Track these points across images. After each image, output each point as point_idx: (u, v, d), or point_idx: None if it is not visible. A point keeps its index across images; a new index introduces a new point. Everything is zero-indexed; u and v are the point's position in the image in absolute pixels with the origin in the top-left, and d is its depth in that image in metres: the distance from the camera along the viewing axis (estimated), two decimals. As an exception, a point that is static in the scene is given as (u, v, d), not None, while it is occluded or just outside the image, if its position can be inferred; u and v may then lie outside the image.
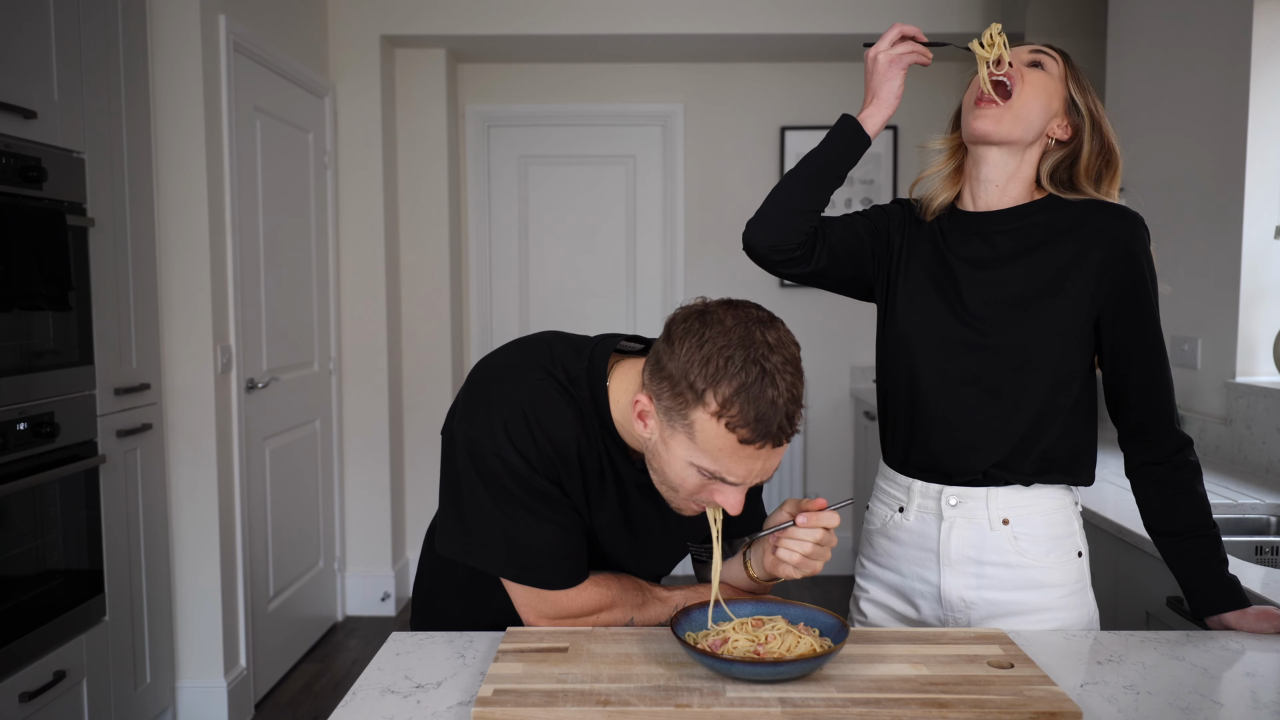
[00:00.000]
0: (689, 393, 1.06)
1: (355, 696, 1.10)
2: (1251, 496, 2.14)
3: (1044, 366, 1.32)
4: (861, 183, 4.29)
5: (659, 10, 3.76)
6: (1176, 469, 1.33)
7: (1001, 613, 1.36)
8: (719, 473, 1.09)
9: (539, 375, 1.21)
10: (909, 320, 1.39)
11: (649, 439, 1.15)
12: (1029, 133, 1.33)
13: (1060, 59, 1.35)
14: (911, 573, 1.41)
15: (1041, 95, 1.32)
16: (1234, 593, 1.31)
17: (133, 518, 2.57)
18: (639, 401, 1.13)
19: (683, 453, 1.10)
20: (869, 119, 1.40)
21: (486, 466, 1.18)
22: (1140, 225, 1.32)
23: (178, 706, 2.83)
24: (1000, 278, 1.34)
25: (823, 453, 4.39)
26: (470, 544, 1.22)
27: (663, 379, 1.10)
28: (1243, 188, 2.45)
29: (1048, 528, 1.36)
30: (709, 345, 1.06)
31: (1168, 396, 1.34)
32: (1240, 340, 2.50)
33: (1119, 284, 1.31)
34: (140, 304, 2.60)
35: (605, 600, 1.25)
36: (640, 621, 1.27)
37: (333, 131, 3.74)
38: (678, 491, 1.15)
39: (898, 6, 3.73)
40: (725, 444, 1.06)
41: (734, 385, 1.04)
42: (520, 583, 1.22)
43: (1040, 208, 1.36)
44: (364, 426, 3.87)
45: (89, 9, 2.34)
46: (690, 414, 1.07)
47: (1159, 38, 2.84)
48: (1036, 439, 1.34)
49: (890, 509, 1.44)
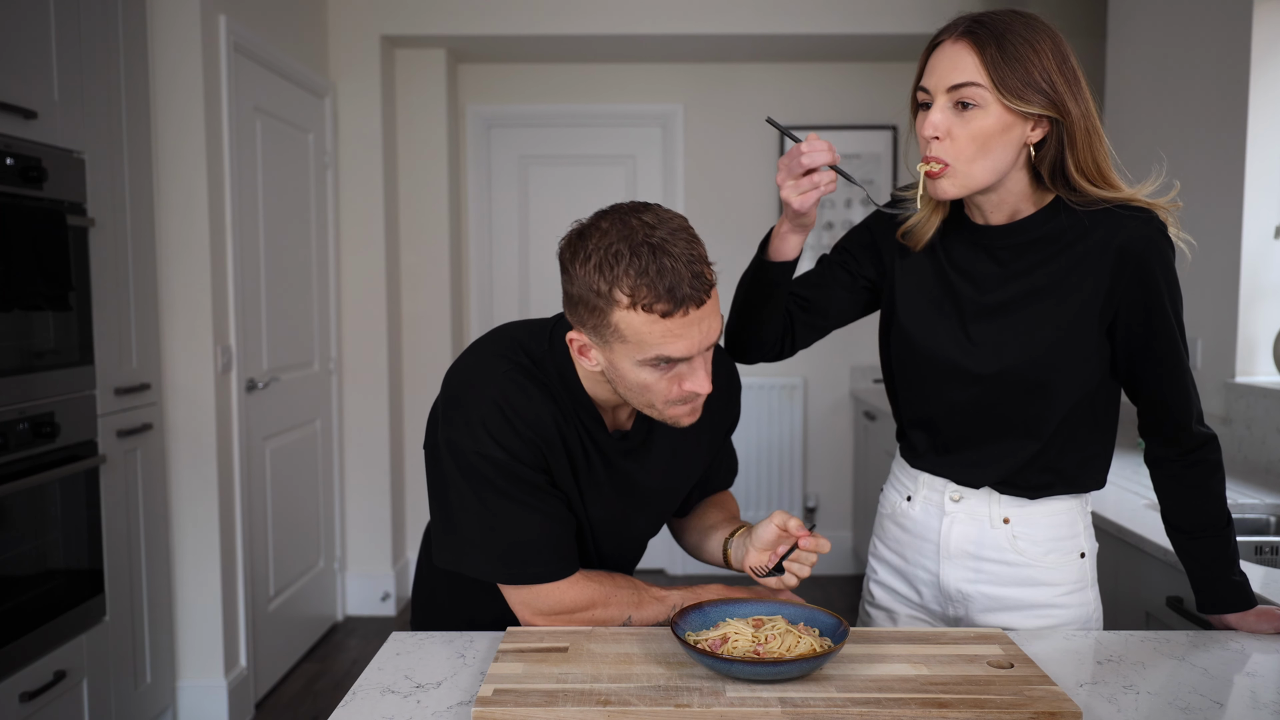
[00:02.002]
0: (600, 301, 1.11)
1: (355, 696, 1.10)
2: (1251, 496, 2.14)
3: (1057, 392, 1.25)
4: (862, 183, 4.28)
5: (659, 10, 3.76)
6: (1191, 466, 1.28)
7: (999, 606, 1.34)
8: (666, 354, 1.12)
9: (506, 367, 1.23)
10: (910, 348, 1.34)
11: (600, 369, 1.19)
12: (993, 172, 1.19)
13: (983, 65, 1.15)
14: (915, 560, 1.41)
15: (979, 137, 1.16)
16: (1241, 594, 1.30)
17: (133, 518, 2.57)
18: (573, 340, 1.18)
19: (628, 358, 1.14)
20: (786, 244, 1.32)
21: (470, 466, 1.20)
22: (1155, 229, 1.19)
23: (178, 706, 2.83)
24: (1004, 300, 1.26)
25: (823, 453, 4.39)
26: (463, 551, 1.23)
27: (576, 304, 1.15)
28: (1243, 188, 2.45)
29: (1049, 529, 1.33)
30: (595, 254, 1.11)
31: (1185, 404, 1.26)
32: (1240, 340, 2.50)
33: (1129, 295, 1.21)
34: (140, 304, 2.60)
35: (598, 595, 1.26)
36: (638, 621, 1.27)
37: (333, 132, 3.74)
38: (654, 401, 1.18)
39: (897, 7, 3.73)
40: (653, 327, 1.10)
41: (631, 273, 1.09)
42: (512, 583, 1.23)
43: (1048, 216, 1.24)
44: (364, 426, 3.87)
45: (89, 9, 2.34)
46: (611, 319, 1.12)
47: (1159, 38, 2.84)
48: (1046, 458, 1.30)
49: (900, 496, 1.44)
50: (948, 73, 1.16)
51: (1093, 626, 1.37)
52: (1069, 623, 1.35)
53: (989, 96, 1.15)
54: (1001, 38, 1.14)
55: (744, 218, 4.30)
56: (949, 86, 1.16)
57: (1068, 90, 1.15)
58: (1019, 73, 1.14)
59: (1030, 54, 1.14)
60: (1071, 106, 1.15)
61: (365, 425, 3.86)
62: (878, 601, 1.48)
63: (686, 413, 1.20)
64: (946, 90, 1.17)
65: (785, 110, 4.28)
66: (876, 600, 1.49)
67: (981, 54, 1.15)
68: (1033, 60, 1.14)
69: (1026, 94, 1.14)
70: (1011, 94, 1.14)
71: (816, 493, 4.40)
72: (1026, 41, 1.14)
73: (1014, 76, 1.14)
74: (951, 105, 1.17)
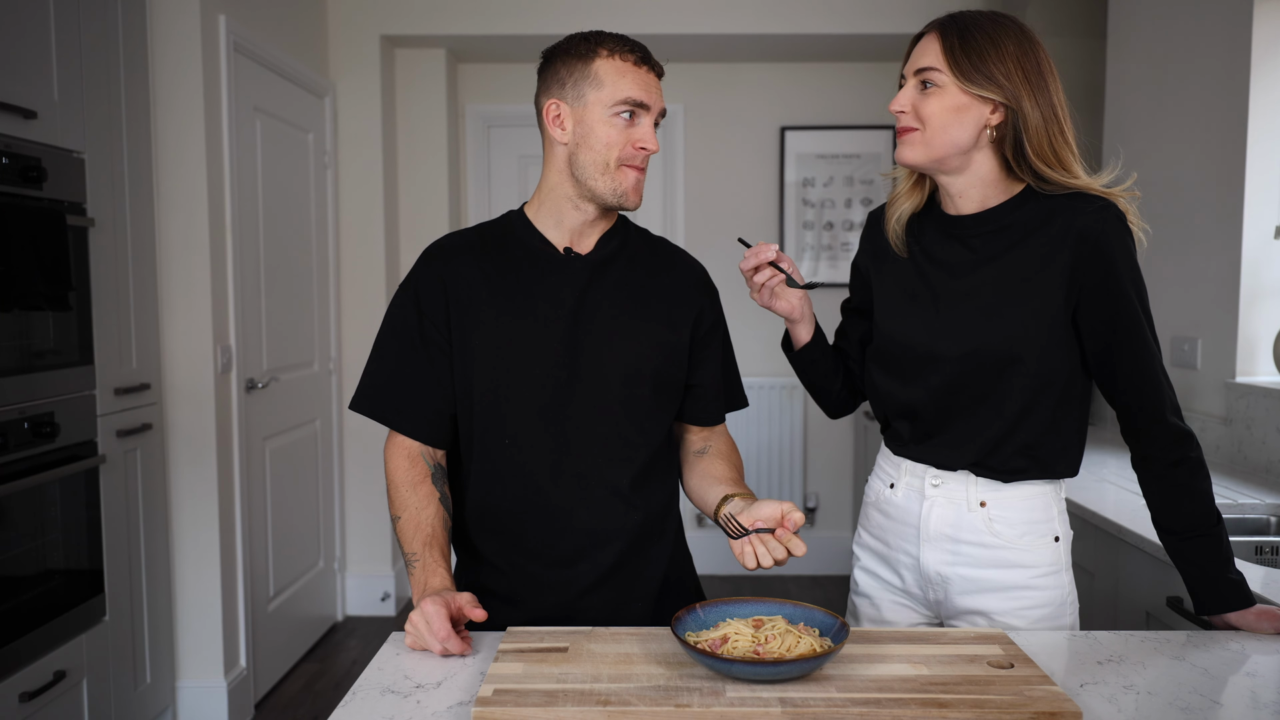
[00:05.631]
0: (583, 54, 1.33)
1: (355, 696, 1.10)
2: (1251, 496, 2.14)
3: (1024, 370, 1.32)
4: (862, 183, 4.29)
5: (659, 10, 3.76)
6: (1175, 465, 1.32)
7: (976, 588, 1.39)
8: (634, 97, 1.32)
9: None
10: (890, 341, 1.43)
11: (568, 141, 1.34)
12: (952, 145, 1.31)
13: (943, 52, 1.30)
14: (897, 545, 1.46)
15: (938, 113, 1.31)
16: (1239, 593, 1.31)
17: (133, 518, 2.57)
18: (549, 108, 1.35)
19: (597, 104, 1.33)
20: (794, 335, 1.54)
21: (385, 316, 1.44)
22: (1112, 215, 1.28)
23: (178, 706, 2.83)
24: (975, 284, 1.35)
25: (823, 452, 4.39)
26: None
27: (559, 70, 1.35)
28: (1243, 188, 2.45)
29: (1024, 513, 1.38)
30: (576, 35, 1.36)
31: (1158, 390, 1.31)
32: (1240, 340, 2.50)
33: (1089, 278, 1.29)
34: (140, 304, 2.60)
35: (402, 479, 1.37)
36: (405, 553, 1.34)
37: (333, 131, 3.74)
38: (610, 160, 1.33)
39: (896, 7, 3.73)
40: (624, 71, 1.33)
41: (608, 38, 1.35)
42: (357, 409, 1.41)
43: (1017, 205, 1.34)
44: (364, 426, 3.86)
45: (89, 9, 2.34)
46: (592, 66, 1.33)
47: (1159, 37, 2.84)
48: (1019, 439, 1.35)
49: (884, 484, 1.49)
50: (917, 59, 1.34)
51: (1067, 612, 1.39)
52: (1044, 605, 1.37)
53: (947, 79, 1.30)
54: (965, 31, 1.30)
55: (744, 217, 4.30)
56: (916, 70, 1.33)
57: (1024, 82, 1.29)
58: (974, 61, 1.29)
59: (989, 46, 1.29)
60: (1025, 96, 1.28)
61: (365, 425, 3.86)
62: (861, 589, 1.53)
63: (634, 184, 1.35)
64: (914, 73, 1.33)
65: (785, 110, 4.28)
66: (861, 588, 1.53)
67: (944, 43, 1.31)
68: (990, 52, 1.29)
69: (977, 80, 1.28)
70: (964, 78, 1.29)
71: (816, 492, 4.41)
72: (988, 36, 1.29)
73: (968, 63, 1.29)
74: (917, 86, 1.33)
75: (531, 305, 1.36)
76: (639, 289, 1.41)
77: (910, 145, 1.34)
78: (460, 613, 1.22)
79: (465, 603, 1.22)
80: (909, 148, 1.34)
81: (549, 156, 1.39)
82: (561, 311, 1.36)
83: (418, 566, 1.30)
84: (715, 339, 1.49)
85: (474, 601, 1.22)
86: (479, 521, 1.41)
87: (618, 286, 1.40)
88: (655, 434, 1.42)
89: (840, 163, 4.29)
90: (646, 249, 1.47)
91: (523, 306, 1.36)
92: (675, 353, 1.42)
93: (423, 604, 1.21)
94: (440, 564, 1.30)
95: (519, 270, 1.38)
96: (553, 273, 1.38)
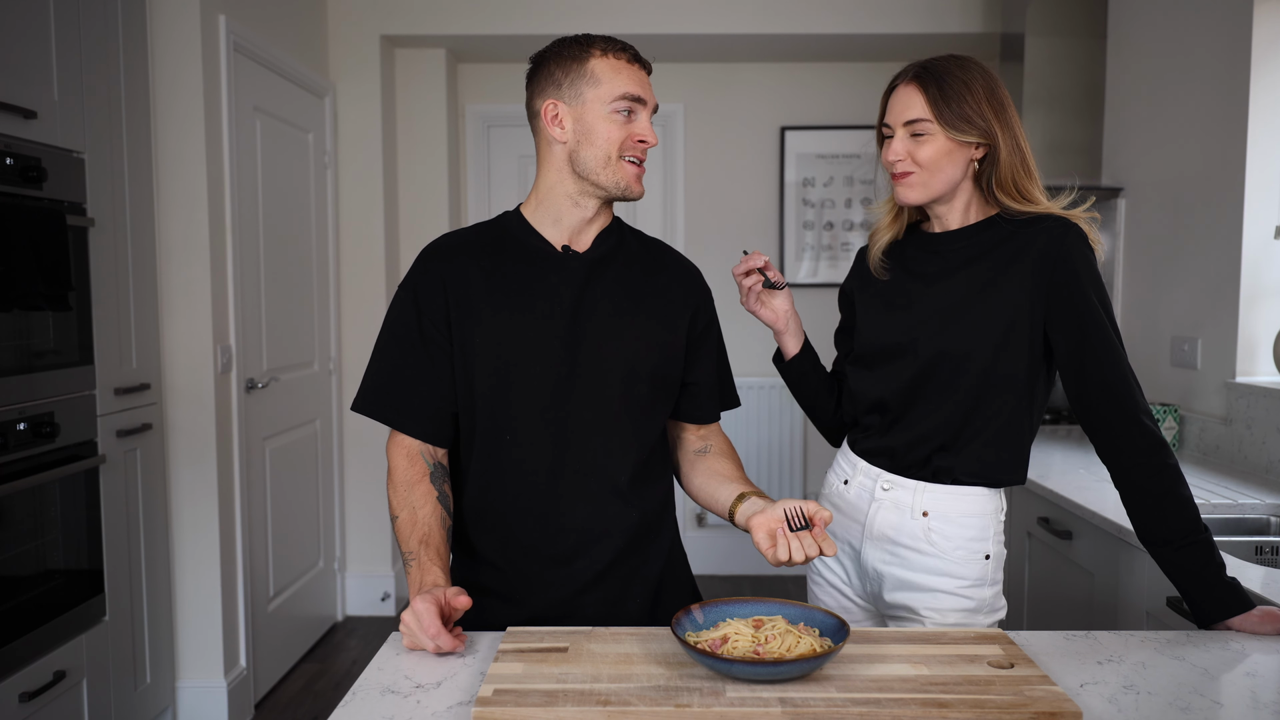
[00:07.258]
0: (578, 55, 1.35)
1: (355, 696, 1.10)
2: (1251, 496, 2.14)
3: (976, 369, 1.44)
4: (862, 183, 4.29)
5: (659, 10, 3.76)
6: (1155, 474, 1.36)
7: (906, 587, 1.50)
8: (631, 91, 1.35)
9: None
10: (868, 343, 1.55)
11: (568, 139, 1.36)
12: (947, 182, 1.46)
13: (928, 104, 1.42)
14: (843, 538, 1.57)
15: (932, 158, 1.44)
16: (1238, 594, 1.32)
17: (133, 518, 2.57)
18: (547, 108, 1.37)
19: (596, 101, 1.35)
20: (782, 347, 1.65)
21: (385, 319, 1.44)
22: (1073, 233, 1.40)
23: (178, 706, 2.83)
24: (944, 289, 1.48)
25: (823, 452, 4.39)
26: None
27: (554, 72, 1.36)
28: (1243, 188, 2.45)
29: (961, 529, 1.47)
30: (566, 38, 1.38)
31: (1129, 390, 1.38)
32: (1240, 340, 2.50)
33: (1053, 289, 1.40)
34: (140, 304, 2.60)
35: (401, 478, 1.37)
36: (403, 552, 1.34)
37: (333, 131, 3.74)
38: (612, 153, 1.35)
39: (897, 7, 3.73)
40: (618, 68, 1.35)
41: (594, 37, 1.37)
42: (358, 410, 1.41)
43: (988, 225, 1.48)
44: (364, 426, 3.86)
45: (89, 9, 2.34)
46: (586, 66, 1.35)
47: (1159, 37, 2.84)
48: (971, 433, 1.46)
49: (839, 479, 1.60)
50: (902, 111, 1.45)
51: (982, 620, 1.49)
52: (962, 610, 1.48)
53: (935, 128, 1.43)
54: (940, 80, 1.43)
55: (744, 217, 4.30)
56: (904, 122, 1.45)
57: (995, 119, 1.43)
58: (954, 108, 1.42)
59: (965, 91, 1.42)
60: (1000, 133, 1.43)
61: (365, 425, 3.86)
62: (815, 577, 1.65)
63: (635, 176, 1.37)
64: (903, 125, 1.45)
65: (785, 110, 4.28)
66: (815, 575, 1.65)
67: (926, 94, 1.43)
68: (966, 96, 1.42)
69: (960, 126, 1.42)
70: (950, 126, 1.42)
71: (816, 492, 4.40)
72: (961, 81, 1.42)
73: (950, 112, 1.42)
74: (908, 136, 1.45)
75: (531, 302, 1.37)
76: (636, 287, 1.42)
77: (910, 187, 1.46)
78: (449, 607, 1.22)
79: (451, 595, 1.23)
80: (910, 189, 1.47)
81: (546, 156, 1.40)
82: (560, 308, 1.36)
83: (414, 565, 1.30)
84: (710, 338, 1.51)
85: (459, 591, 1.23)
86: (477, 519, 1.41)
87: (615, 284, 1.41)
88: (652, 432, 1.43)
89: (840, 163, 4.29)
90: (641, 248, 1.48)
91: (522, 304, 1.36)
92: (672, 351, 1.43)
93: (414, 602, 1.22)
94: (435, 562, 1.30)
95: (517, 268, 1.39)
96: (551, 270, 1.38)
